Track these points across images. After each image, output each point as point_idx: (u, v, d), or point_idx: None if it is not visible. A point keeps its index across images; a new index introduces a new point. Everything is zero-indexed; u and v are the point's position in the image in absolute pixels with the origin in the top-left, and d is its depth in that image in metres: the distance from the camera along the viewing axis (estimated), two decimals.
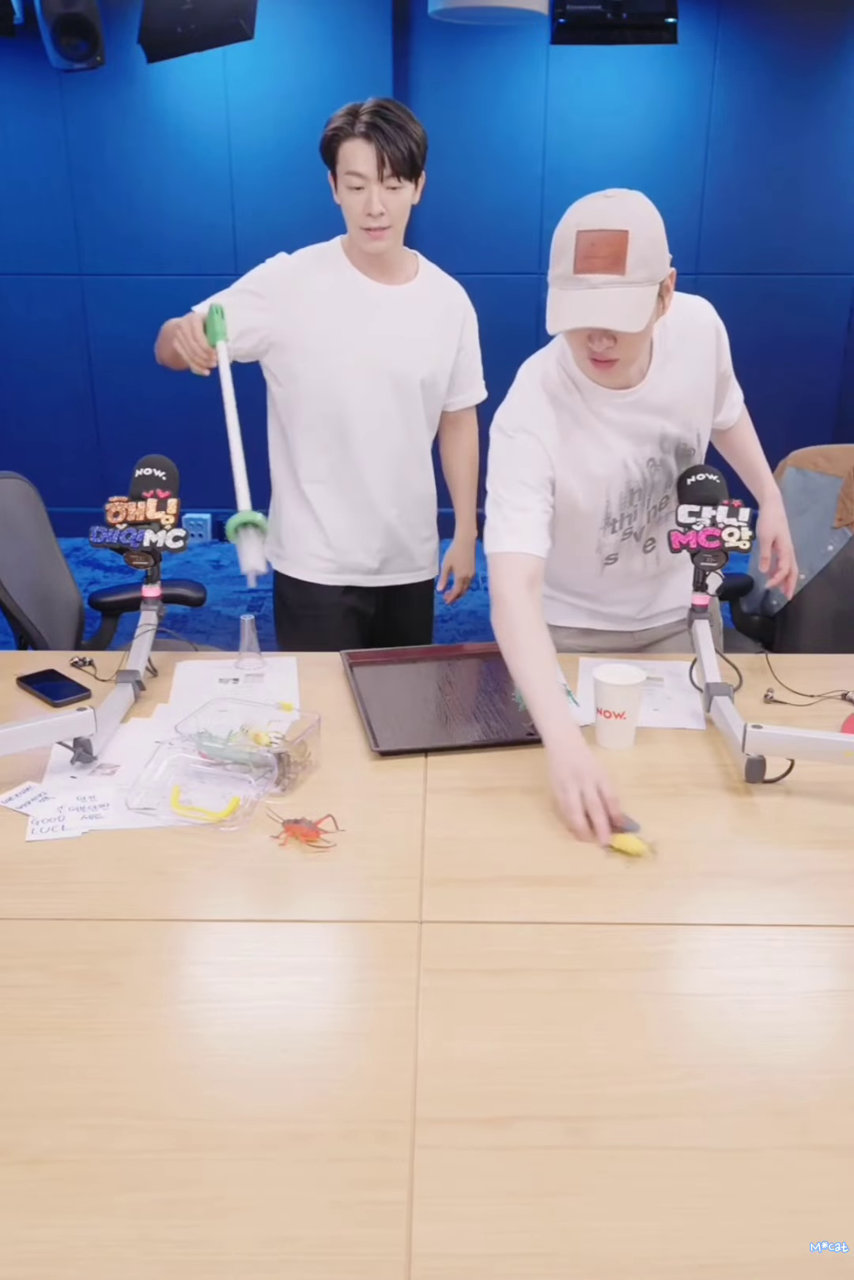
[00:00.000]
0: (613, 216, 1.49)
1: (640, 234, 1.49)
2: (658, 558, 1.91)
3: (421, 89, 5.03)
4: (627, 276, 1.49)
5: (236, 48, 4.01)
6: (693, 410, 1.79)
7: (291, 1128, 0.95)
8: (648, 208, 1.54)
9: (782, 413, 5.32)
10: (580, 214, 1.52)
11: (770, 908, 1.27)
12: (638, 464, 1.78)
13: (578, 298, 1.51)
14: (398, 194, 1.95)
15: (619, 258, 1.48)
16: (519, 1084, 1.00)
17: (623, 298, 1.50)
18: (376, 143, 1.88)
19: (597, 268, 1.49)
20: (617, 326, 1.53)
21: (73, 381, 5.32)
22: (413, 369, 2.09)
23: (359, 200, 1.94)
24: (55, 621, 2.42)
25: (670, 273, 1.57)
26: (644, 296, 1.52)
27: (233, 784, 1.48)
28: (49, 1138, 0.94)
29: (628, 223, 1.48)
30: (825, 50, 4.99)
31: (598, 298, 1.50)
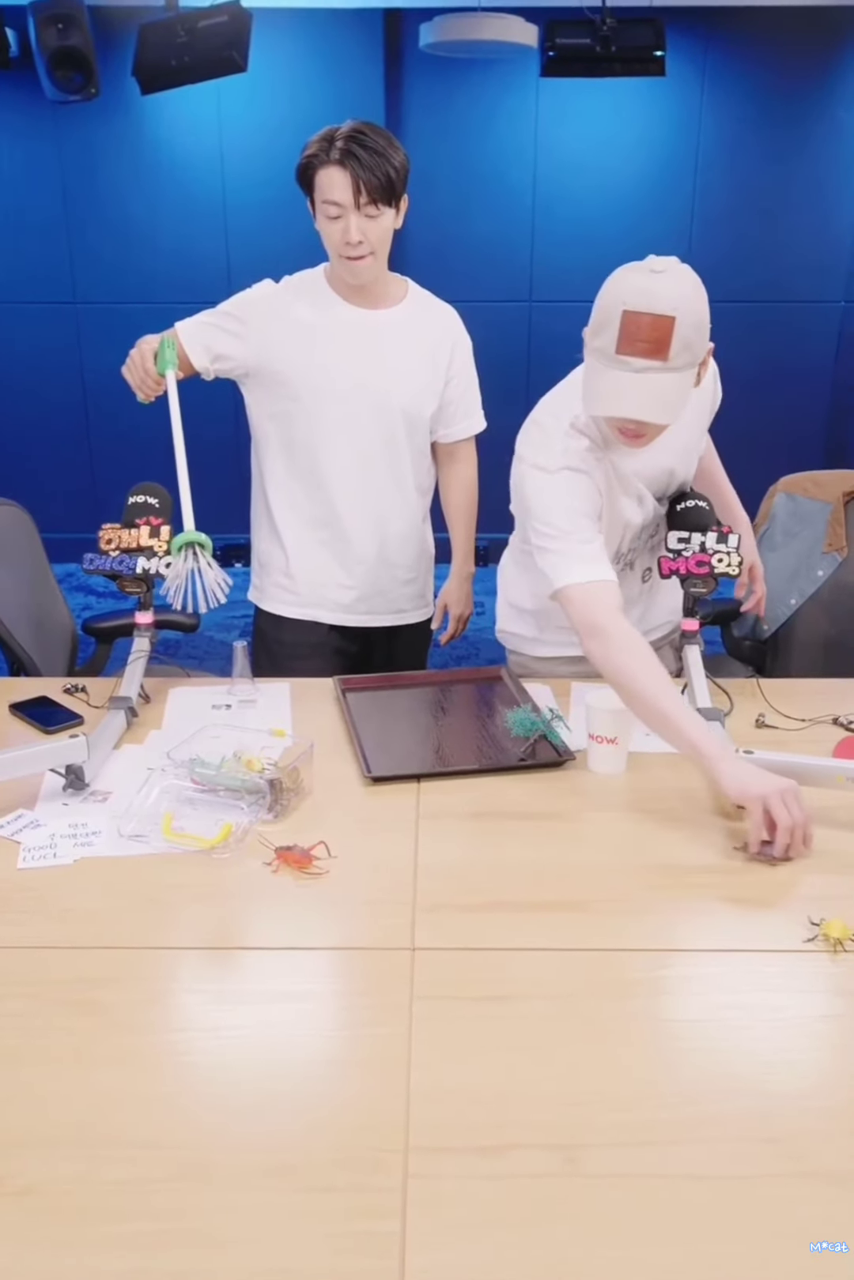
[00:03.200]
0: (661, 299, 1.45)
1: (686, 319, 1.46)
2: (652, 587, 1.94)
3: (413, 120, 5.09)
4: (669, 363, 1.47)
5: (230, 79, 4.06)
6: (691, 449, 1.84)
7: (284, 1157, 0.94)
8: (695, 287, 1.51)
9: (772, 439, 5.37)
10: (628, 290, 1.48)
11: (763, 933, 1.27)
12: (653, 502, 1.82)
13: (618, 380, 1.49)
14: (377, 221, 1.89)
15: (663, 344, 1.46)
16: (513, 1112, 1.00)
17: (663, 386, 1.49)
18: (352, 170, 1.83)
19: (639, 351, 1.46)
20: (653, 420, 1.53)
21: (67, 408, 5.34)
22: (393, 397, 2.03)
23: (337, 228, 1.89)
24: (48, 647, 2.42)
25: (709, 348, 1.56)
26: (684, 383, 1.51)
27: (225, 810, 1.48)
28: (38, 1169, 0.93)
29: (676, 307, 1.45)
30: (811, 80, 5.07)
31: (638, 384, 1.48)
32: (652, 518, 1.84)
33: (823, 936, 1.23)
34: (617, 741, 1.61)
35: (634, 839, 1.47)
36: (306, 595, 2.13)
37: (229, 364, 2.02)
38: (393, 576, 2.16)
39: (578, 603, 1.61)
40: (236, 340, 2.00)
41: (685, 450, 1.84)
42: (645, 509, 1.81)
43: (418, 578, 2.21)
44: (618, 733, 1.60)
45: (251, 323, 2.00)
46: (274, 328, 1.99)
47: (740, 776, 1.40)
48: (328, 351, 1.99)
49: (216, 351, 2.00)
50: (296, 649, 2.13)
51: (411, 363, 2.05)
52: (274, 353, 1.99)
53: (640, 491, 1.78)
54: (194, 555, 1.76)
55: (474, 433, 2.21)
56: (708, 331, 1.54)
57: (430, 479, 2.20)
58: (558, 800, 1.55)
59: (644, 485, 1.78)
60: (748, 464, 2.16)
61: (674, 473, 1.83)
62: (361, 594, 2.14)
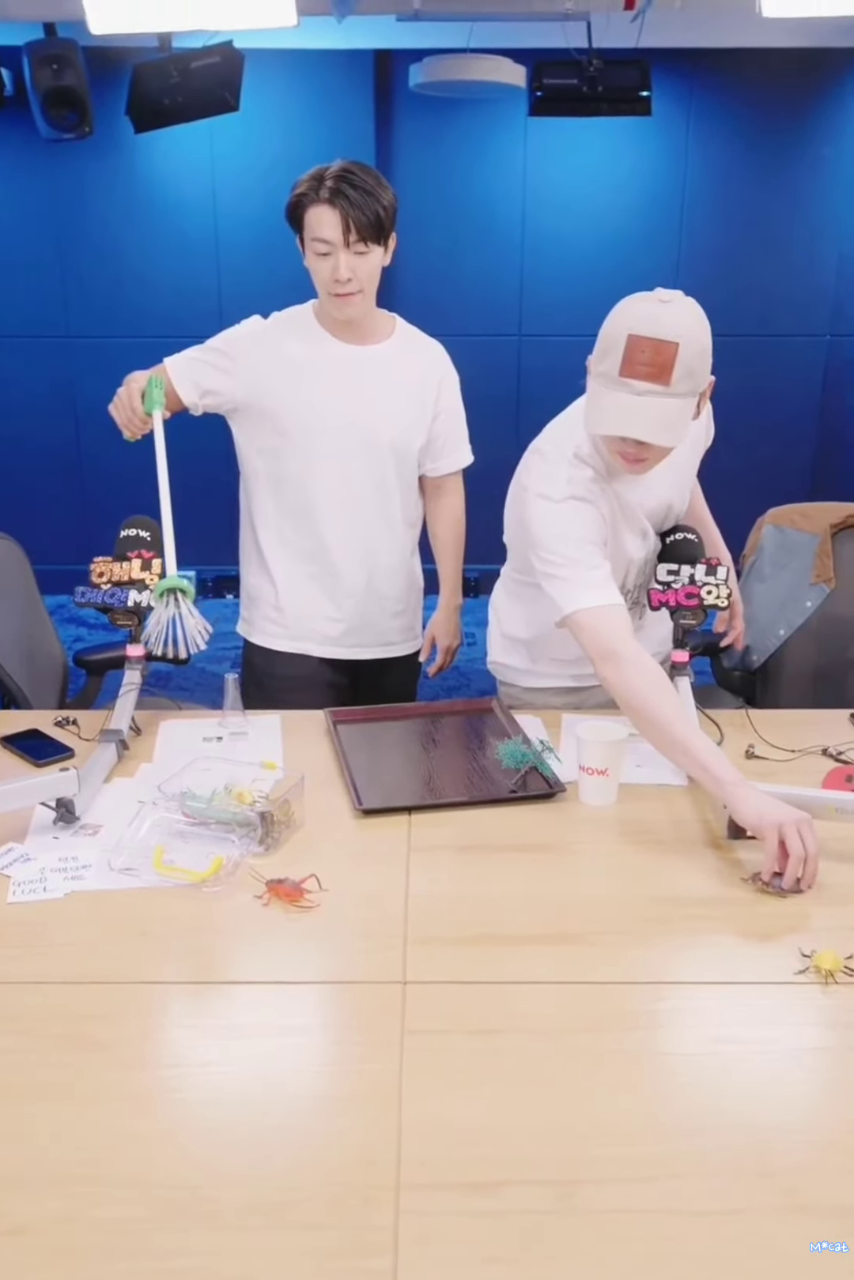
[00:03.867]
0: (666, 325, 1.49)
1: (690, 347, 1.50)
2: (641, 614, 1.94)
3: (404, 159, 5.15)
4: (670, 389, 1.50)
5: (223, 119, 4.12)
6: (687, 486, 1.87)
7: (275, 1195, 0.94)
8: (700, 319, 1.55)
9: (759, 471, 5.42)
10: (633, 316, 1.51)
11: (755, 965, 1.27)
12: (655, 539, 1.85)
13: (619, 401, 1.52)
14: (366, 259, 1.90)
15: (666, 369, 1.49)
16: (506, 1147, 0.99)
17: (664, 409, 1.51)
18: (341, 208, 1.85)
19: (642, 375, 1.49)
20: (654, 440, 1.55)
21: (59, 442, 5.36)
22: (382, 432, 2.03)
23: (326, 266, 1.90)
24: (39, 679, 2.41)
25: (710, 381, 1.59)
26: (684, 409, 1.54)
27: (216, 844, 1.47)
28: (29, 1207, 0.92)
29: (680, 334, 1.49)
30: (794, 119, 5.16)
31: (640, 406, 1.51)
32: (652, 552, 1.86)
33: (814, 968, 1.23)
34: (607, 773, 1.61)
35: (626, 871, 1.47)
36: (296, 628, 2.13)
37: (217, 399, 2.03)
38: (382, 609, 2.16)
39: (589, 628, 1.63)
40: (225, 376, 2.00)
41: (680, 485, 1.86)
42: (648, 543, 1.83)
43: (407, 610, 2.22)
44: (609, 764, 1.61)
45: (240, 359, 2.00)
46: (263, 364, 2.00)
47: (758, 805, 1.41)
48: (317, 387, 2.00)
49: (205, 387, 2.01)
50: (286, 682, 2.13)
51: (400, 398, 2.06)
52: (263, 388, 2.00)
53: (644, 526, 1.80)
54: (175, 601, 1.75)
55: (462, 466, 2.22)
56: (710, 365, 1.57)
57: (418, 512, 2.20)
58: (549, 832, 1.55)
59: (646, 518, 1.80)
60: (736, 496, 2.19)
61: (672, 507, 1.85)
62: (351, 626, 2.14)
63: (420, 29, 4.14)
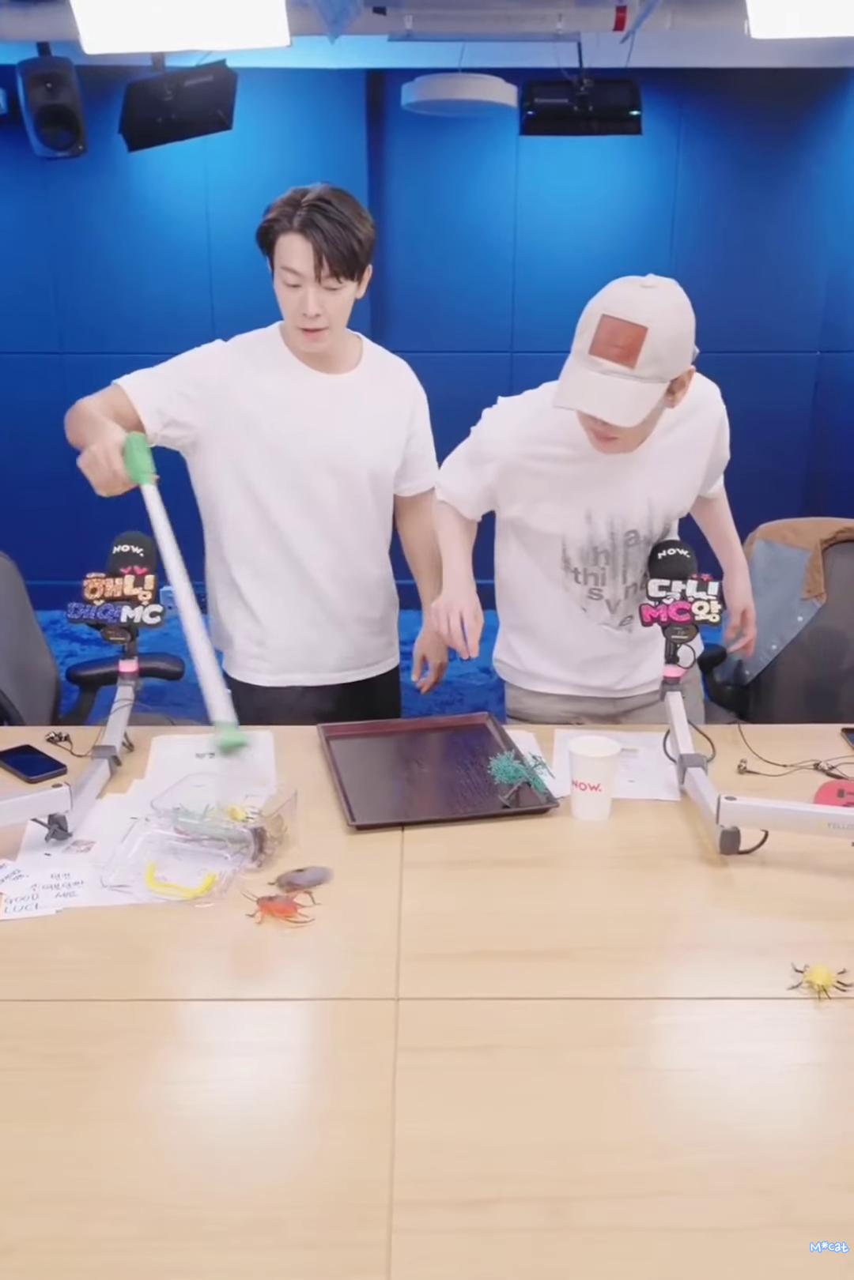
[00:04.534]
0: (638, 310, 1.53)
1: (660, 333, 1.52)
2: (631, 630, 1.95)
3: (396, 177, 5.18)
4: (635, 371, 1.53)
5: (216, 137, 4.14)
6: (680, 488, 1.85)
7: (268, 1212, 0.93)
8: (679, 309, 1.58)
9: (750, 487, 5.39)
10: (611, 298, 1.57)
11: (748, 980, 1.27)
12: (610, 527, 1.82)
13: (585, 379, 1.57)
14: (336, 294, 1.84)
15: (632, 351, 1.52)
16: (499, 1164, 0.99)
17: (625, 391, 1.54)
18: (314, 240, 1.78)
19: (609, 355, 1.54)
20: (607, 418, 1.57)
21: (52, 457, 5.33)
22: (359, 459, 2.00)
23: (294, 297, 1.84)
24: (32, 695, 2.41)
25: (688, 369, 1.62)
26: (647, 393, 1.56)
27: (209, 860, 1.47)
28: (20, 1227, 0.92)
29: (650, 320, 1.52)
30: (783, 138, 5.20)
31: (602, 384, 1.55)
32: (606, 541, 1.84)
33: (807, 984, 1.23)
34: (600, 788, 1.61)
35: (619, 886, 1.47)
36: (280, 660, 2.08)
37: (179, 430, 1.93)
38: (367, 630, 2.14)
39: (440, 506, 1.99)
40: (195, 408, 1.91)
41: (670, 484, 1.84)
42: (594, 528, 1.82)
43: (388, 628, 2.21)
44: (601, 779, 1.61)
45: (211, 389, 1.91)
46: (231, 392, 1.92)
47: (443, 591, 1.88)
48: (288, 418, 1.95)
49: (171, 418, 1.90)
50: (269, 714, 2.04)
51: (375, 424, 2.03)
52: (232, 418, 1.93)
53: (588, 509, 1.81)
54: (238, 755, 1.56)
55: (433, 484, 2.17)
56: (688, 354, 1.60)
57: (391, 529, 2.19)
58: (543, 847, 1.55)
59: (605, 502, 1.80)
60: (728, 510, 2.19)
61: (653, 504, 1.83)
62: (338, 653, 2.11)
63: (412, 49, 4.17)
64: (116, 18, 2.79)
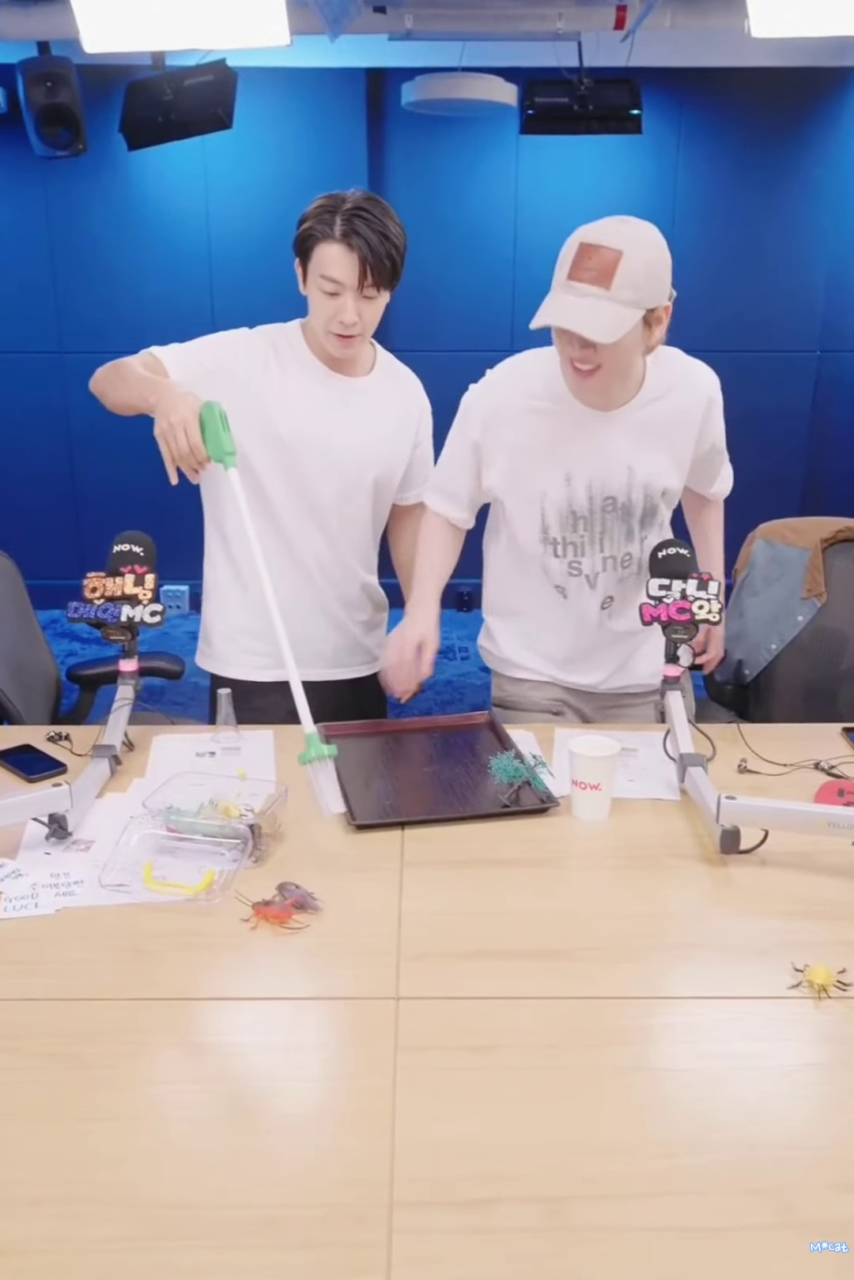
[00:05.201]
0: (614, 236, 1.59)
1: (636, 258, 1.58)
2: (611, 615, 1.95)
3: (396, 176, 5.18)
4: (611, 293, 1.58)
5: (216, 136, 4.14)
6: (663, 460, 1.85)
7: (267, 1213, 0.93)
8: (653, 239, 1.64)
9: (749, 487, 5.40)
10: (589, 228, 1.62)
11: (747, 980, 1.27)
12: (589, 490, 1.83)
13: (562, 301, 1.61)
14: (374, 303, 1.86)
15: (608, 273, 1.57)
16: (498, 1165, 0.99)
17: (602, 310, 1.59)
18: (360, 252, 1.78)
19: (586, 278, 1.58)
20: (585, 333, 1.61)
21: (52, 456, 5.37)
22: (368, 465, 2.02)
23: (330, 306, 1.84)
24: (32, 695, 2.41)
25: (665, 305, 1.65)
26: (623, 315, 1.60)
27: (206, 858, 1.47)
28: (17, 1227, 0.92)
29: (626, 245, 1.58)
30: (783, 138, 5.20)
31: (578, 305, 1.59)
32: (585, 505, 1.85)
33: (807, 983, 1.23)
34: (600, 788, 1.61)
35: (619, 885, 1.47)
36: (277, 658, 2.08)
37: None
38: (362, 629, 2.17)
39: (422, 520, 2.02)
40: (215, 387, 1.88)
41: (651, 453, 1.83)
42: (573, 490, 1.83)
43: (380, 626, 2.23)
44: (601, 779, 1.61)
45: (232, 371, 1.93)
46: (253, 384, 1.94)
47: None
48: (303, 416, 1.96)
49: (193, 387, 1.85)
50: (263, 714, 2.01)
51: (385, 429, 2.05)
52: (253, 411, 1.93)
53: (568, 470, 1.82)
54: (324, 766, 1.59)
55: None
56: (665, 288, 1.64)
57: (382, 534, 2.21)
58: (543, 847, 1.55)
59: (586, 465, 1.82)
60: (727, 511, 2.19)
61: (633, 470, 1.83)
62: (335, 647, 2.13)
63: (412, 48, 4.17)
64: (116, 17, 2.79)
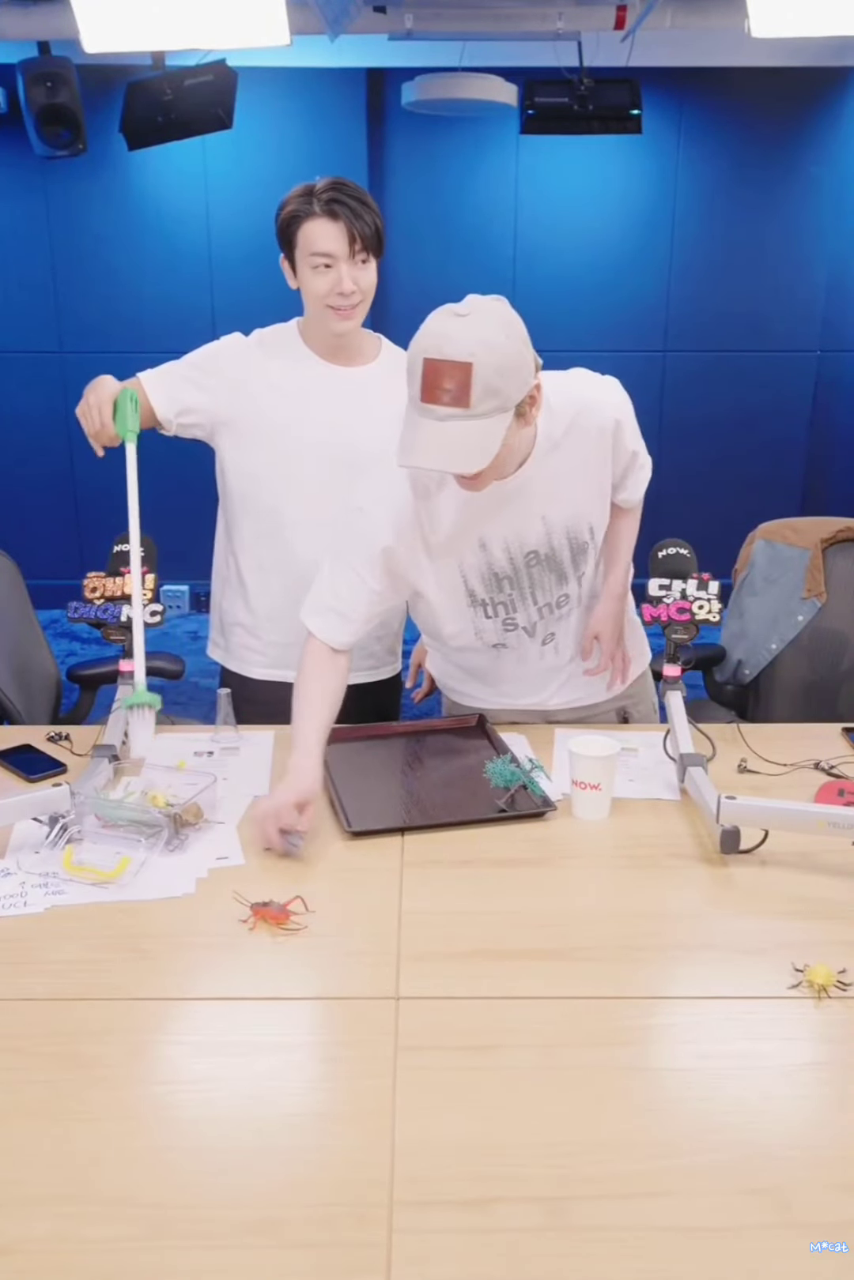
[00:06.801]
0: (459, 345, 1.41)
1: (487, 364, 1.41)
2: (557, 649, 1.85)
3: (396, 176, 5.18)
4: (471, 410, 1.42)
5: (216, 136, 4.14)
6: (581, 500, 1.72)
7: (267, 1213, 0.93)
8: (502, 328, 1.45)
9: (750, 486, 5.44)
10: (428, 335, 1.45)
11: (747, 980, 1.27)
12: (507, 551, 1.72)
13: (424, 430, 1.45)
14: (366, 270, 1.88)
15: (463, 391, 1.41)
16: (498, 1164, 0.99)
17: (467, 434, 1.43)
18: (344, 219, 1.82)
19: (441, 400, 1.42)
20: (457, 470, 1.50)
21: (53, 457, 5.36)
22: (371, 454, 1.90)
23: (326, 280, 1.86)
24: (32, 695, 2.41)
25: (533, 386, 1.49)
26: (491, 429, 1.44)
27: (123, 844, 1.50)
28: (16, 1227, 0.92)
29: (473, 353, 1.40)
30: (783, 137, 5.20)
31: (442, 433, 1.43)
32: (506, 566, 1.73)
33: (807, 983, 1.23)
34: (600, 788, 1.61)
35: (618, 885, 1.47)
36: (275, 656, 2.06)
37: (194, 419, 1.96)
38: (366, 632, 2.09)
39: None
40: (204, 394, 1.94)
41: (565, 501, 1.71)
42: (490, 555, 1.72)
43: (388, 633, 2.16)
44: (601, 779, 1.61)
45: (221, 376, 1.94)
46: (245, 383, 1.94)
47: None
48: (301, 410, 1.95)
49: (184, 404, 1.94)
50: (265, 708, 2.00)
51: (387, 418, 1.97)
52: (244, 409, 1.95)
53: (482, 537, 1.70)
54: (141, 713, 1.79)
55: None
56: (527, 373, 1.47)
57: None
58: (542, 847, 1.55)
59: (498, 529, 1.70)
60: (727, 511, 2.20)
61: (549, 521, 1.72)
62: None
63: (413, 48, 4.17)
64: (116, 17, 2.79)
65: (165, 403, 1.93)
